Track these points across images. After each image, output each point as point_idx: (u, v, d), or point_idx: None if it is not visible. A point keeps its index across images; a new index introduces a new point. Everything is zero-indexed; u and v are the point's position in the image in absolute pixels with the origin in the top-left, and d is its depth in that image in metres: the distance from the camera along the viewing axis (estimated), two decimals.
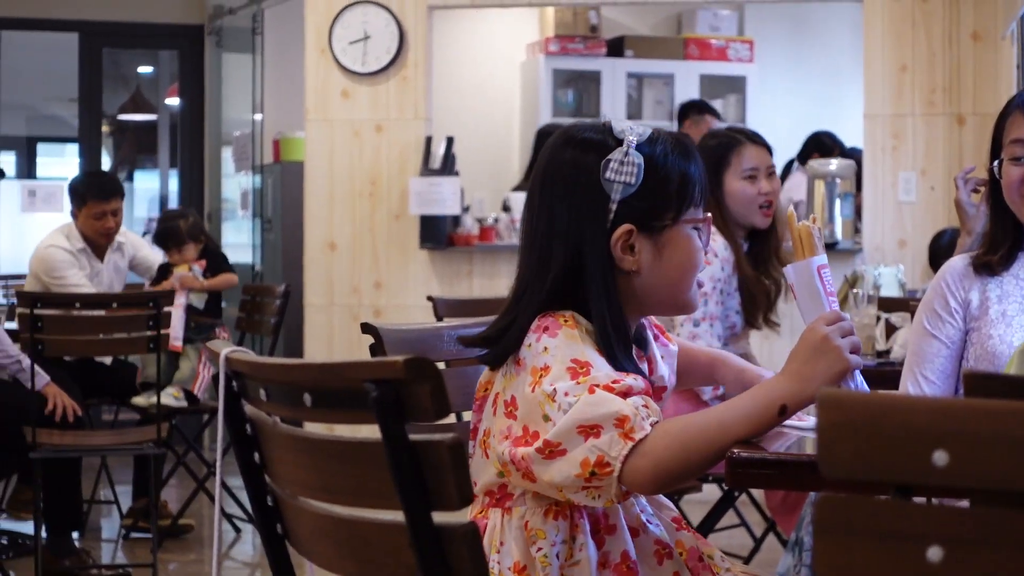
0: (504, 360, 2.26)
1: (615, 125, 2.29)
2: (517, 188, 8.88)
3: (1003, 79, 7.66)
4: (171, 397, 6.49)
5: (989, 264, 3.06)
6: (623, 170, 2.24)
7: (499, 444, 2.21)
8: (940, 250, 6.75)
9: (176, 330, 6.49)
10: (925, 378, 3.06)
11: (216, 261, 7.13)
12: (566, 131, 2.33)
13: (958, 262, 3.12)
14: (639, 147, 2.26)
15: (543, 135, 8.72)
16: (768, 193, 4.58)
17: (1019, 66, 6.81)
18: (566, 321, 2.21)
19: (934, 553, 1.28)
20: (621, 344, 2.23)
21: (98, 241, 6.93)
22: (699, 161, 2.33)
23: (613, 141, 2.27)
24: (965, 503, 1.43)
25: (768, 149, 4.67)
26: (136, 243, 7.26)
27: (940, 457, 1.27)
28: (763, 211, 4.59)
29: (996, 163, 3.03)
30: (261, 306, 7.43)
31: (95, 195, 6.84)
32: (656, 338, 2.46)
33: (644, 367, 2.35)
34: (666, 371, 2.44)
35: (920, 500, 1.34)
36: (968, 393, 2.07)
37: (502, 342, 2.26)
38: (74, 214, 6.92)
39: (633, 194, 2.24)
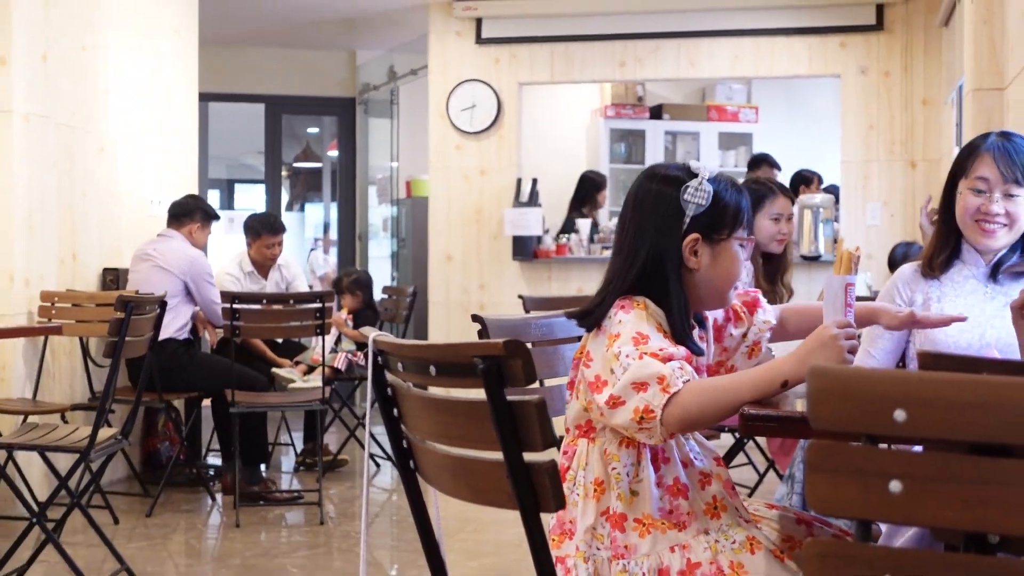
0: (595, 327, 2.26)
1: (692, 164, 2.31)
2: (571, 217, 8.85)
3: (945, 134, 7.58)
4: (297, 377, 6.50)
5: (931, 268, 2.99)
6: (697, 194, 2.25)
7: (582, 386, 2.24)
8: (895, 258, 6.64)
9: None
10: (870, 354, 3.00)
11: (363, 320, 7.08)
12: (652, 169, 2.34)
13: (907, 269, 3.05)
14: (709, 181, 2.27)
15: (584, 178, 8.98)
16: (785, 232, 4.55)
17: (957, 124, 6.72)
18: (639, 304, 2.22)
19: (895, 486, 1.27)
20: (685, 323, 2.25)
21: (265, 264, 6.95)
22: (748, 198, 2.34)
23: (688, 175, 2.28)
24: (919, 448, 1.42)
25: (792, 200, 4.63)
26: (295, 273, 7.13)
27: (900, 415, 1.26)
28: (778, 242, 4.56)
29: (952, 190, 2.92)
30: (397, 303, 7.46)
31: (267, 231, 6.88)
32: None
33: (704, 346, 2.38)
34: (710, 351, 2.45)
35: (884, 446, 1.33)
36: (921, 367, 2.05)
37: (594, 315, 2.27)
38: (249, 244, 6.94)
39: (701, 213, 2.25)
